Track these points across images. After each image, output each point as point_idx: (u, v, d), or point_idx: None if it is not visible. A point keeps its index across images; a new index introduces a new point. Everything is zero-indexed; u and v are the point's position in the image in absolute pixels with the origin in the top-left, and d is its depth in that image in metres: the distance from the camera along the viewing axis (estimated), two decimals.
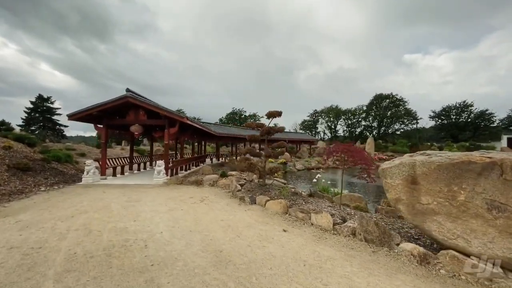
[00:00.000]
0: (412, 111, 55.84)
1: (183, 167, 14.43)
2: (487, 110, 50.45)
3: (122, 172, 13.12)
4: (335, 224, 4.91)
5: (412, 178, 3.63)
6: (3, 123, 14.94)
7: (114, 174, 12.30)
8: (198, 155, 19.96)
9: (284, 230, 4.75)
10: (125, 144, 39.26)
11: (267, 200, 6.52)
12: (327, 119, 63.45)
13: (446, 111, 55.85)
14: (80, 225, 4.87)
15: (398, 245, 3.88)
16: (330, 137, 62.15)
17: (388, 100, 57.57)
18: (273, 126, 8.16)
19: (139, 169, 15.27)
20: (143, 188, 9.17)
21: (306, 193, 8.39)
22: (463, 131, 54.74)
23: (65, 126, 43.87)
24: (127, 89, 10.88)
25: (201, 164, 19.07)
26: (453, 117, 55.29)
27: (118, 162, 12.90)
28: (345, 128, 63.07)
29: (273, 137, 29.70)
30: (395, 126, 57.50)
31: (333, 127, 63.71)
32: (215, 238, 4.28)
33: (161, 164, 10.66)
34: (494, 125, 52.34)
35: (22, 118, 41.10)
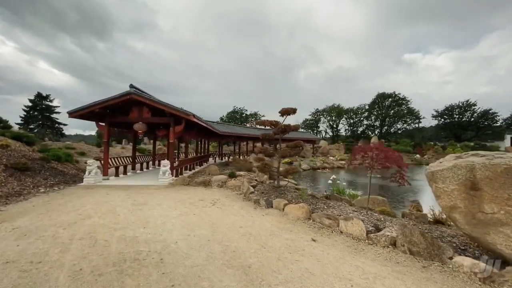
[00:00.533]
0: (414, 110, 55.39)
1: (187, 166, 13.92)
2: (491, 109, 50.02)
3: (125, 172, 12.62)
4: (368, 232, 4.41)
5: (471, 183, 3.14)
6: (0, 121, 14.37)
7: (117, 174, 11.78)
8: (201, 154, 19.43)
9: (313, 240, 4.25)
10: (125, 143, 38.71)
11: (285, 204, 6.02)
12: (329, 118, 62.94)
13: (449, 110, 55.41)
14: (84, 233, 4.36)
15: (451, 259, 3.39)
16: (332, 136, 61.66)
17: (390, 99, 57.06)
18: (288, 124, 7.65)
19: (141, 168, 14.76)
20: (148, 190, 8.65)
21: (322, 196, 7.90)
22: (466, 130, 54.34)
23: (64, 125, 43.29)
24: (131, 85, 10.35)
25: (204, 164, 18.57)
26: (456, 116, 54.86)
27: (120, 161, 12.38)
28: (347, 127, 62.60)
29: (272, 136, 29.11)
30: (397, 125, 57.05)
31: (335, 126, 63.19)
32: (238, 249, 3.78)
33: (166, 164, 10.14)
34: (497, 124, 51.96)
35: (21, 117, 40.47)
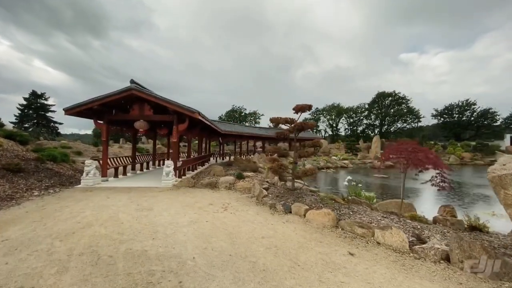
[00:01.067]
0: (414, 109, 55.22)
1: (189, 167, 13.30)
2: (491, 108, 50.01)
3: (125, 173, 11.97)
4: (410, 243, 3.88)
5: None
6: None
7: (116, 175, 11.14)
8: (203, 154, 18.80)
9: (351, 254, 3.69)
10: (123, 142, 37.89)
11: (306, 210, 5.46)
12: (328, 117, 62.54)
13: (449, 110, 55.34)
14: (84, 246, 3.76)
15: None
16: (331, 135, 61.29)
17: (390, 98, 56.85)
18: (306, 121, 7.10)
19: (142, 169, 14.09)
20: (151, 192, 8.04)
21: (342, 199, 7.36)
22: (465, 130, 54.34)
23: (60, 124, 42.31)
24: (132, 81, 9.71)
25: (206, 164, 17.96)
26: (456, 115, 54.81)
27: (120, 161, 11.73)
28: (347, 127, 62.30)
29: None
30: (397, 125, 56.86)
31: (334, 125, 62.84)
32: (268, 267, 3.21)
33: (170, 165, 9.53)
34: (497, 124, 52.00)
35: (15, 115, 39.44)
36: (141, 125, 10.22)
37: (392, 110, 55.93)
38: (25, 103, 39.83)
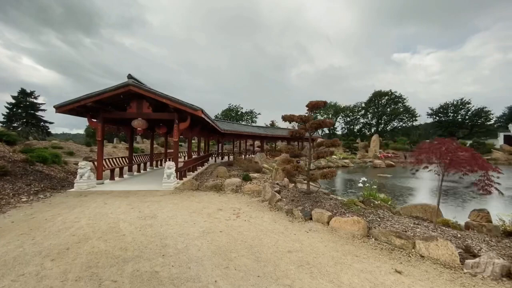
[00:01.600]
0: (410, 108, 55.51)
1: (189, 168, 12.65)
2: (485, 107, 50.59)
3: (121, 174, 11.25)
4: (460, 257, 3.38)
5: None
6: None
7: (112, 178, 10.42)
8: (203, 154, 18.14)
9: (397, 271, 3.17)
10: (117, 141, 36.80)
11: (330, 217, 4.94)
12: (325, 116, 62.33)
13: (444, 109, 55.78)
14: (81, 267, 3.14)
15: None
16: (328, 134, 61.13)
17: (387, 97, 57.01)
18: (323, 119, 6.58)
19: (139, 170, 13.36)
20: (153, 197, 7.40)
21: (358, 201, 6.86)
22: (460, 128, 54.90)
23: (50, 123, 40.89)
24: (129, 76, 9.02)
25: (205, 164, 17.31)
26: (451, 114, 55.29)
27: (116, 163, 11.01)
28: (344, 126, 62.26)
29: (274, 134, 28.06)
30: (394, 123, 57.06)
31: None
32: None
33: (171, 166, 8.88)
34: (491, 122, 52.70)
35: (3, 114, 37.89)
36: (140, 123, 9.54)
37: (389, 109, 56.08)
38: (13, 101, 38.31)
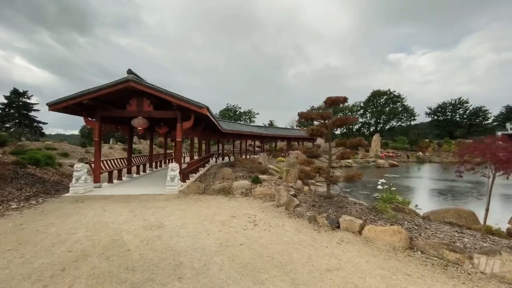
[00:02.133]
0: (409, 107, 55.46)
1: (191, 169, 12.02)
2: (483, 107, 50.78)
3: (120, 177, 10.56)
4: None
5: None
6: None
7: (111, 180, 9.76)
8: (205, 154, 17.49)
9: None
10: (113, 142, 35.88)
11: (362, 225, 4.39)
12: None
13: (442, 108, 55.88)
14: None
15: None
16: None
17: (385, 97, 56.88)
18: (348, 116, 6.05)
19: (138, 172, 12.68)
20: (156, 202, 6.78)
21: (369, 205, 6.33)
22: (458, 127, 55.04)
23: (44, 123, 39.80)
24: (129, 71, 8.37)
25: (206, 165, 16.68)
26: (449, 114, 55.40)
27: (115, 164, 10.33)
28: None
29: (273, 134, 27.56)
30: (392, 123, 56.96)
31: None
32: None
33: (175, 168, 8.25)
34: (489, 121, 52.92)
35: None
36: (140, 122, 8.89)
37: (387, 109, 55.93)
38: (5, 101, 37.16)
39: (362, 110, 58.78)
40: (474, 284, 2.88)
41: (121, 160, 11.03)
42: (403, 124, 56.29)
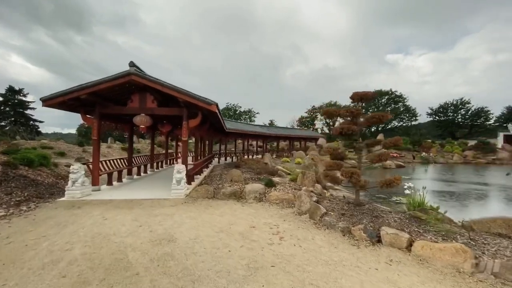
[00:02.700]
0: (411, 107, 55.08)
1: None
2: (486, 107, 50.48)
3: (120, 179, 9.84)
4: None
5: None
6: None
7: (110, 182, 9.03)
8: (208, 155, 16.78)
9: None
10: (111, 141, 35.01)
11: (411, 240, 3.74)
12: (324, 115, 61.45)
13: (444, 108, 55.55)
14: None
15: None
16: (328, 133, 60.33)
17: (387, 97, 56.45)
18: (384, 112, 5.39)
19: (139, 173, 11.93)
20: (162, 208, 6.08)
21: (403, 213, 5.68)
22: (460, 128, 54.77)
23: (40, 122, 38.92)
24: (131, 63, 7.65)
25: (209, 166, 15.97)
26: (451, 114, 55.08)
27: (115, 165, 9.60)
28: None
29: (276, 133, 26.96)
30: (394, 123, 56.54)
31: (331, 123, 61.87)
32: None
33: (181, 170, 7.55)
34: (490, 122, 52.64)
35: None
36: (143, 120, 8.18)
37: (389, 109, 55.47)
38: (1, 99, 36.21)
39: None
40: None
41: (121, 160, 10.30)
42: (404, 124, 55.92)
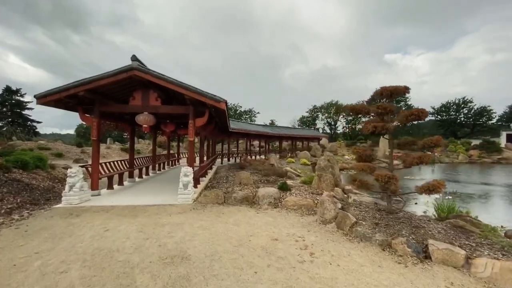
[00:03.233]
0: (413, 107, 54.56)
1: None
2: (488, 106, 50.08)
3: (121, 182, 9.24)
4: None
5: None
6: None
7: (111, 186, 8.44)
8: (212, 155, 16.19)
9: None
10: (110, 142, 34.34)
11: (467, 257, 3.17)
12: (326, 115, 60.85)
13: (446, 108, 55.12)
14: None
15: None
16: (330, 133, 59.81)
17: None
18: (422, 109, 4.83)
19: (140, 175, 11.33)
20: (169, 215, 5.49)
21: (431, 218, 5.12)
22: (462, 127, 54.38)
23: (38, 122, 38.22)
24: (134, 57, 7.05)
25: (213, 167, 15.39)
26: (453, 113, 54.65)
27: (115, 167, 9.00)
28: (345, 125, 60.95)
29: (279, 133, 26.43)
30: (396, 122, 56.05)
31: (333, 123, 61.32)
32: None
33: (188, 173, 6.95)
34: (493, 121, 52.27)
35: None
36: (146, 119, 7.58)
37: None
38: None
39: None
40: None
41: (123, 162, 9.69)
42: (407, 124, 55.44)
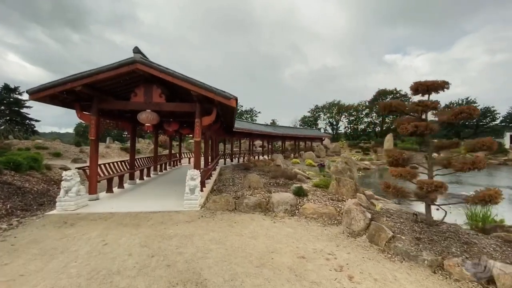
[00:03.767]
0: None
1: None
2: (493, 107, 49.61)
3: (121, 184, 8.63)
4: None
5: None
6: None
7: (110, 189, 7.83)
8: (216, 155, 15.59)
9: None
10: (110, 141, 33.69)
11: None
12: (328, 115, 60.30)
13: (449, 108, 54.61)
14: None
15: None
16: (332, 133, 59.26)
17: (391, 96, 55.42)
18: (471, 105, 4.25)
19: (141, 177, 10.71)
20: (176, 225, 4.89)
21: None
22: (465, 128, 53.90)
23: (37, 121, 37.62)
24: (136, 49, 6.45)
25: (216, 168, 14.78)
26: None
27: (115, 169, 8.40)
28: (347, 125, 60.44)
29: (283, 133, 25.85)
30: None
31: (334, 123, 60.76)
32: None
33: (195, 176, 6.34)
34: (496, 122, 51.81)
35: None
36: (149, 117, 6.98)
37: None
38: None
39: (368, 110, 57.31)
40: None
41: (123, 163, 9.09)
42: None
